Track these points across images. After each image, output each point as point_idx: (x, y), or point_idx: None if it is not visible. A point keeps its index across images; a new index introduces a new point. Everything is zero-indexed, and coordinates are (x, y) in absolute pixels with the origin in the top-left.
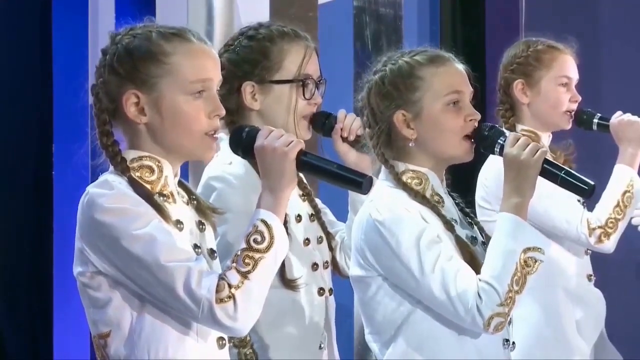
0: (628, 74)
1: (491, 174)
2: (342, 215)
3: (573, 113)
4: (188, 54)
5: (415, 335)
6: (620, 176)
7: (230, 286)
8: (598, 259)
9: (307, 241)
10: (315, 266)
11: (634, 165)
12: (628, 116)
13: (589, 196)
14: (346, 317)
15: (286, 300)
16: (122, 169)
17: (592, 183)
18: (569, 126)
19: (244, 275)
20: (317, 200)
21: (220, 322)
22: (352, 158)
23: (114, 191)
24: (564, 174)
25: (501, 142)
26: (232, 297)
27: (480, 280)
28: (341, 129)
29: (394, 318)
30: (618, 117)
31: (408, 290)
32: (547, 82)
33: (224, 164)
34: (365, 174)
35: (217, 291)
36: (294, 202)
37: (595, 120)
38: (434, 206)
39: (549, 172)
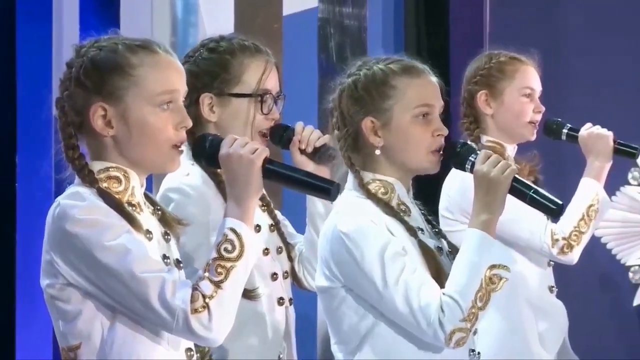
0: (592, 85)
1: (455, 185)
2: (303, 227)
3: (538, 123)
4: (154, 66)
5: (380, 346)
6: (587, 189)
7: (204, 296)
8: (560, 270)
9: (266, 251)
10: (274, 276)
11: (601, 179)
12: (597, 129)
13: (557, 216)
14: (308, 327)
15: (245, 310)
16: (90, 180)
17: (561, 202)
18: (533, 137)
19: (217, 285)
20: (277, 212)
21: (196, 333)
22: (310, 170)
23: (85, 202)
24: (532, 192)
25: (472, 160)
26: (206, 307)
27: (444, 294)
28: (299, 141)
29: (358, 329)
30: (588, 130)
31: (372, 303)
32: (511, 92)
33: (181, 175)
34: (333, 181)
35: (192, 301)
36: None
37: (565, 131)
38: (398, 215)
39: (518, 190)
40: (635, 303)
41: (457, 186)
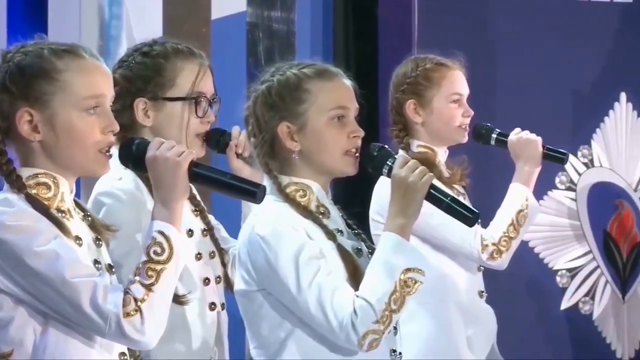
0: (520, 89)
1: (386, 189)
2: (235, 231)
3: (468, 126)
4: (80, 70)
5: (300, 350)
6: (516, 195)
7: (136, 300)
8: (489, 275)
9: (198, 256)
10: (207, 281)
11: (530, 184)
12: (527, 134)
13: (472, 224)
14: (240, 331)
15: (176, 315)
16: (18, 186)
17: (477, 212)
18: (465, 139)
19: (148, 288)
20: (210, 217)
21: (128, 336)
22: (246, 174)
23: (14, 209)
24: (449, 200)
25: (389, 164)
26: (138, 310)
27: (357, 296)
28: (236, 146)
29: (278, 333)
30: (517, 135)
31: (288, 306)
32: (439, 100)
33: (114, 180)
34: (259, 183)
35: (124, 305)
36: (186, 217)
37: (494, 136)
38: (317, 218)
39: (435, 197)
40: (562, 307)
41: (389, 191)
